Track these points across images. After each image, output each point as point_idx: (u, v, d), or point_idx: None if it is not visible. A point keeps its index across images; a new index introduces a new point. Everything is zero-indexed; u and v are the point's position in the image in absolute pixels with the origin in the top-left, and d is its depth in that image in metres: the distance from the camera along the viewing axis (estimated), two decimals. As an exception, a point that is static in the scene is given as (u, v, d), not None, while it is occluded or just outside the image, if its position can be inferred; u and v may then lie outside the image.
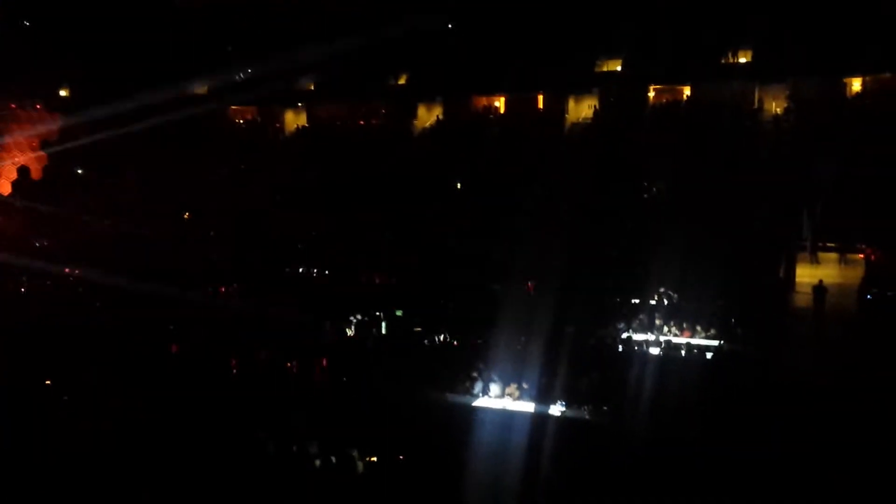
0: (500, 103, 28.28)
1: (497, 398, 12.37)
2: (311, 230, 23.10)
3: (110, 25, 27.64)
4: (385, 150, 26.63)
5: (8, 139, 28.52)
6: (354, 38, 25.95)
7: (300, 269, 20.81)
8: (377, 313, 16.27)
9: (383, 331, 16.01)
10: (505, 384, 12.52)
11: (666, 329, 15.17)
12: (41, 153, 29.65)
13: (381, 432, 10.64)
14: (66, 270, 20.97)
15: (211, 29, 31.20)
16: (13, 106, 28.36)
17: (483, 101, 28.68)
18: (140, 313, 16.60)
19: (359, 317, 16.12)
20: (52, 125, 29.64)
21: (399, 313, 16.34)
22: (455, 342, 14.97)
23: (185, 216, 26.49)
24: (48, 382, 13.05)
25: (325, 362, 13.73)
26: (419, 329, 15.46)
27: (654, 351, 14.57)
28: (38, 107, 29.55)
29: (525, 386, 12.38)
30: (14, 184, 28.53)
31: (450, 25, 27.66)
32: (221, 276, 19.87)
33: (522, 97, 27.26)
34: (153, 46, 29.30)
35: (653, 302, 16.45)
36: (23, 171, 29.10)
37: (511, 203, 19.81)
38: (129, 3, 28.68)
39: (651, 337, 14.94)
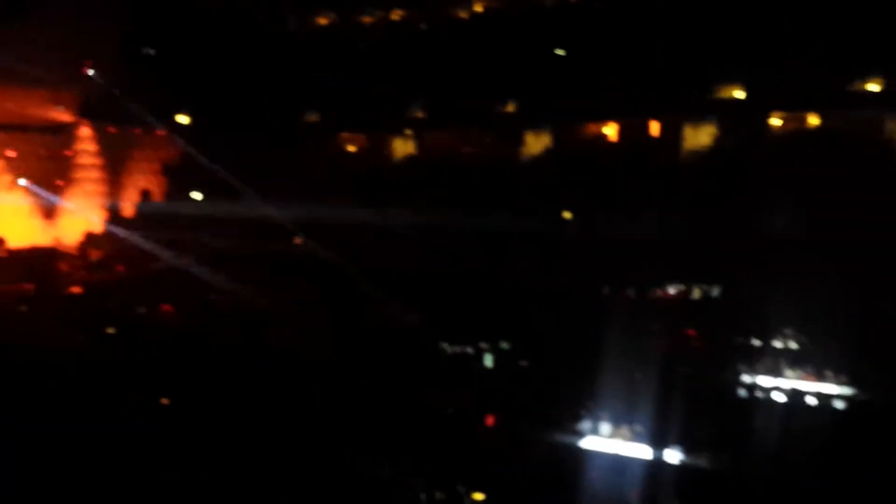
0: (611, 130, 27.60)
1: (607, 439, 11.78)
2: (417, 258, 22.99)
3: (228, 52, 28.67)
4: (492, 178, 26.39)
5: (131, 163, 30.12)
6: (464, 65, 25.95)
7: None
8: (483, 344, 15.98)
9: (487, 363, 15.70)
10: (616, 424, 11.92)
11: (791, 373, 14.21)
12: (163, 178, 31.15)
13: (488, 469, 10.33)
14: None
15: (324, 55, 31.95)
16: (137, 131, 29.86)
17: (594, 127, 28.09)
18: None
19: (468, 349, 15.87)
20: (173, 149, 31.12)
21: (505, 345, 15.97)
22: (562, 377, 14.45)
23: (297, 241, 26.95)
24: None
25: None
26: (526, 363, 15.04)
27: (778, 397, 13.66)
28: (160, 132, 31.03)
29: (637, 428, 11.73)
30: (137, 207, 30.05)
31: (560, 52, 27.30)
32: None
33: (636, 123, 26.54)
34: (268, 72, 30.27)
35: (777, 343, 15.44)
36: (145, 194, 30.62)
37: (625, 234, 19.12)
38: (246, 30, 29.69)
39: (775, 381, 14.02)
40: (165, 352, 15.68)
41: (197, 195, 30.12)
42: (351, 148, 34.18)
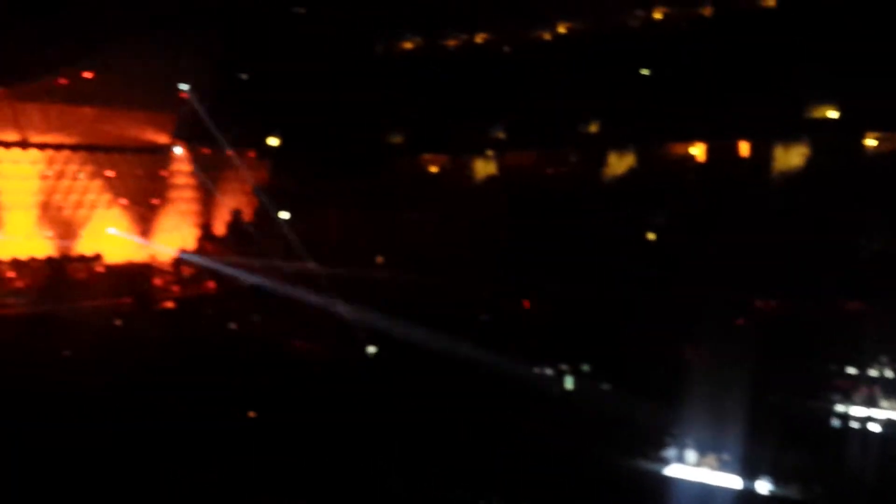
0: (698, 150, 27.09)
1: (693, 467, 11.49)
2: (499, 279, 23.04)
3: (316, 78, 29.49)
4: (575, 199, 26.27)
5: (223, 184, 31.25)
6: (547, 86, 25.96)
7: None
8: (562, 366, 15.84)
9: (568, 385, 15.54)
10: (702, 452, 11.62)
11: (887, 403, 13.59)
12: (253, 198, 32.19)
13: (570, 496, 10.20)
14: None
15: (407, 77, 32.51)
16: (229, 153, 30.99)
17: (679, 148, 27.64)
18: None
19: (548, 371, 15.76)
20: (262, 171, 32.18)
21: (586, 368, 15.80)
22: (646, 401, 14.17)
23: (378, 260, 27.37)
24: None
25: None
26: (606, 387, 14.83)
27: (873, 427, 13.08)
28: (250, 154, 32.14)
29: (725, 457, 11.41)
30: (228, 226, 31.13)
31: (645, 71, 27.05)
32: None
33: (724, 144, 26.00)
34: (354, 96, 31.02)
35: (873, 372, 14.80)
36: (236, 213, 31.68)
37: (713, 254, 18.70)
38: (334, 56, 30.47)
39: (869, 411, 13.43)
40: (255, 366, 16.08)
41: (284, 214, 30.99)
42: (433, 168, 34.58)
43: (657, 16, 26.48)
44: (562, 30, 28.61)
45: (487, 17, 30.22)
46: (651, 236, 24.15)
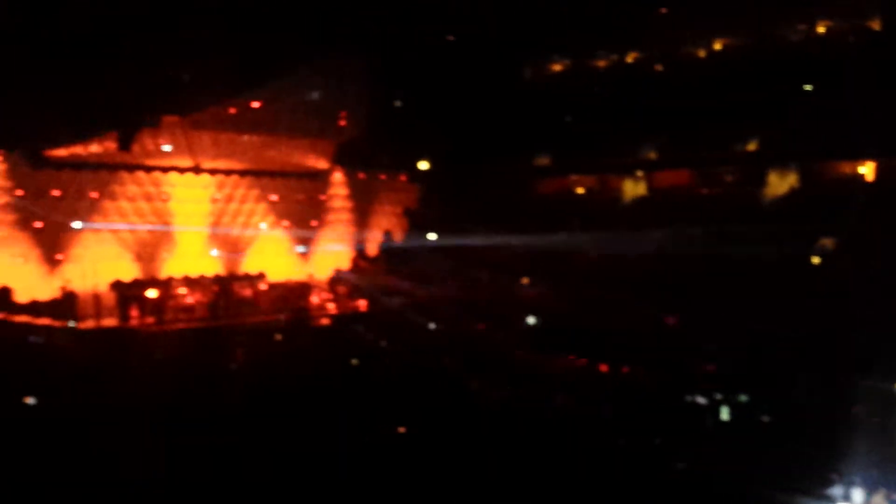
0: (866, 169, 25.29)
1: (862, 509, 10.66)
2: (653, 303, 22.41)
3: (466, 102, 30.07)
4: (731, 220, 25.18)
5: (376, 206, 32.39)
6: (701, 104, 25.16)
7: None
8: (717, 396, 15.13)
9: (723, 416, 14.83)
10: (870, 490, 10.75)
11: None
12: (403, 220, 33.15)
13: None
14: None
15: (555, 99, 32.51)
16: (382, 177, 32.09)
17: (845, 166, 25.92)
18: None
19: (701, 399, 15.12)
20: (412, 194, 33.09)
21: (743, 399, 15.01)
22: (808, 434, 13.28)
23: (524, 281, 27.35)
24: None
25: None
26: (767, 418, 14.02)
27: None
28: (402, 178, 33.15)
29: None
30: (380, 246, 32.17)
31: (807, 87, 25.66)
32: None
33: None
34: (503, 119, 31.37)
35: None
36: (387, 234, 32.72)
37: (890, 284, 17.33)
38: (483, 80, 30.96)
39: None
40: (405, 382, 16.39)
41: (433, 235, 31.69)
42: (580, 189, 34.29)
43: (820, 30, 25.12)
44: (717, 46, 27.71)
45: (639, 36, 29.77)
46: (816, 260, 22.75)
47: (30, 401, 13.54)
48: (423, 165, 34.13)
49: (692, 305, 21.01)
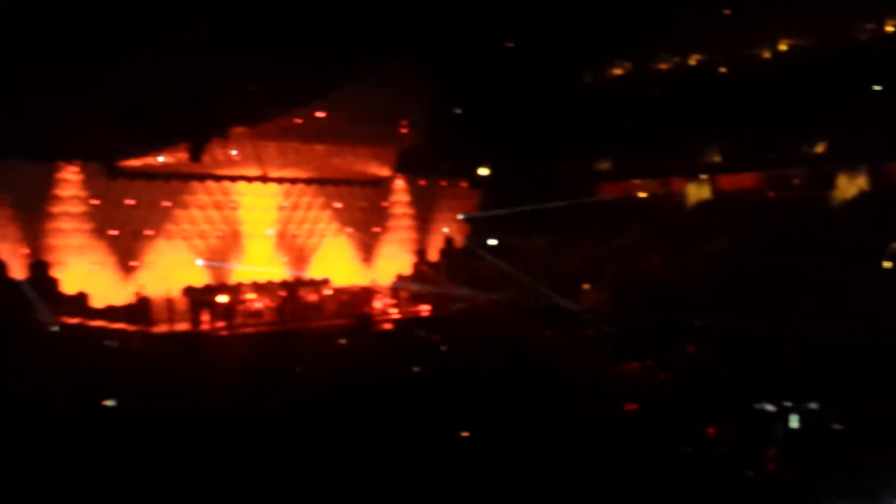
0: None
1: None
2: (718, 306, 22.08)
3: (526, 107, 30.15)
4: (801, 223, 24.69)
5: (437, 213, 32.67)
6: (767, 105, 24.73)
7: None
8: (786, 404, 14.79)
9: (793, 423, 14.49)
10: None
11: None
12: (464, 225, 33.34)
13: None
14: None
15: (616, 105, 32.33)
16: (443, 183, 32.34)
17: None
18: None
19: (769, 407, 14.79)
20: (473, 200, 33.28)
21: (814, 406, 14.64)
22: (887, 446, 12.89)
23: (586, 287, 27.24)
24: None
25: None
26: (840, 427, 13.66)
27: None
28: (462, 184, 33.36)
29: None
30: (441, 252, 32.44)
31: (876, 87, 25.00)
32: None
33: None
34: (564, 124, 31.36)
35: None
36: (448, 240, 32.95)
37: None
38: (543, 85, 31.00)
39: None
40: (467, 386, 16.48)
41: (493, 241, 31.81)
42: (642, 194, 34.00)
43: (889, 28, 24.46)
44: (782, 47, 27.21)
45: (702, 37, 29.42)
46: (888, 264, 22.13)
47: (109, 403, 14.06)
48: (484, 171, 34.29)
49: (759, 311, 20.64)
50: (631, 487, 11.24)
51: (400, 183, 31.80)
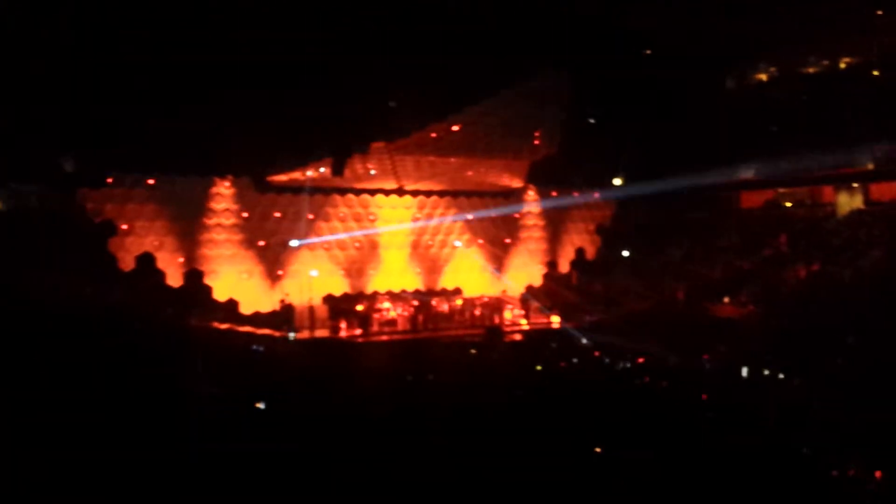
0: None
1: None
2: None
3: (662, 115, 29.57)
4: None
5: (569, 224, 32.50)
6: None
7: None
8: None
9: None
10: None
11: None
12: (596, 236, 33.02)
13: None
14: None
15: (759, 110, 31.19)
16: (575, 194, 32.17)
17: None
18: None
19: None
20: (606, 211, 32.88)
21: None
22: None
23: (725, 300, 26.36)
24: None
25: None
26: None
27: None
28: (595, 195, 33.04)
29: None
30: (571, 263, 32.26)
31: None
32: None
33: None
34: (702, 131, 30.52)
35: None
36: (579, 251, 32.73)
37: None
38: (681, 92, 30.27)
39: None
40: (600, 400, 16.30)
41: (627, 252, 31.31)
42: (787, 203, 32.53)
43: None
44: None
45: (852, 38, 27.90)
46: None
47: (260, 405, 14.88)
48: (617, 182, 33.82)
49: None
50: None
51: (532, 194, 31.94)
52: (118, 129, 22.42)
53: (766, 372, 18.81)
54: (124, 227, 24.36)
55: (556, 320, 26.96)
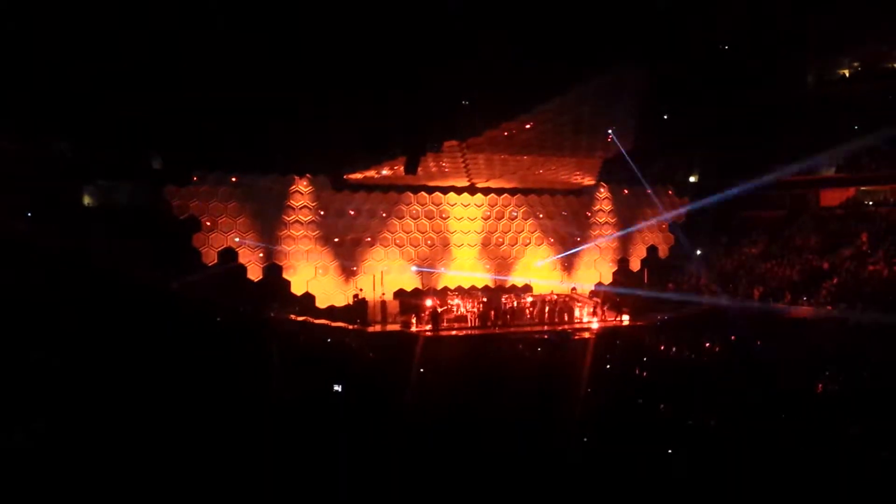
0: None
1: None
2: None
3: (737, 111, 29.13)
4: None
5: (641, 221, 32.27)
6: None
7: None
8: None
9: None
10: None
11: None
12: (669, 234, 32.70)
13: None
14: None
15: (841, 107, 30.42)
16: (649, 191, 31.90)
17: None
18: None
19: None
20: (680, 209, 32.47)
21: None
22: None
23: (786, 297, 25.81)
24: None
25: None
26: None
27: None
28: (669, 192, 32.73)
29: None
30: (643, 261, 32.03)
31: None
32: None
33: None
34: (780, 128, 29.95)
35: None
36: (651, 249, 32.47)
37: None
38: (758, 88, 29.74)
39: None
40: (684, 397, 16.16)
41: (699, 251, 30.88)
42: (869, 202, 31.57)
43: None
44: None
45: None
46: None
47: (336, 388, 15.48)
48: (692, 179, 33.41)
49: None
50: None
51: (603, 191, 31.88)
52: (204, 129, 23.57)
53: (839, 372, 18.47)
54: (208, 222, 25.52)
55: (626, 318, 26.78)
